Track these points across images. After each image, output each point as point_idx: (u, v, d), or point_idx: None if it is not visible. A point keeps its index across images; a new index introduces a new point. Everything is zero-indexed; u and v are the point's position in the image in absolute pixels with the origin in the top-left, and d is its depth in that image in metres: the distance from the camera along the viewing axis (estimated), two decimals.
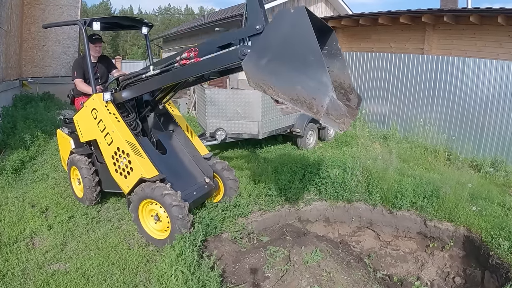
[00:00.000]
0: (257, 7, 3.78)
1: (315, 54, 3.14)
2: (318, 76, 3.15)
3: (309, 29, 3.13)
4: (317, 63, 3.15)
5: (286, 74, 3.31)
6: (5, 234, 5.03)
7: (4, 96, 11.77)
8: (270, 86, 3.40)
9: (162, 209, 4.76)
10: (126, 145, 5.00)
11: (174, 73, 4.64)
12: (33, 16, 16.56)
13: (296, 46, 3.25)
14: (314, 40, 3.13)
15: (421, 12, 11.57)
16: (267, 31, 3.47)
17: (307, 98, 3.23)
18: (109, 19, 6.20)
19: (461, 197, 6.18)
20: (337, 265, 4.47)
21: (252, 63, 3.47)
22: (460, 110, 9.71)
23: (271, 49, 3.38)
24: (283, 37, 3.32)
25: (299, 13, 3.19)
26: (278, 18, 3.36)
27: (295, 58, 3.27)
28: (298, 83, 3.25)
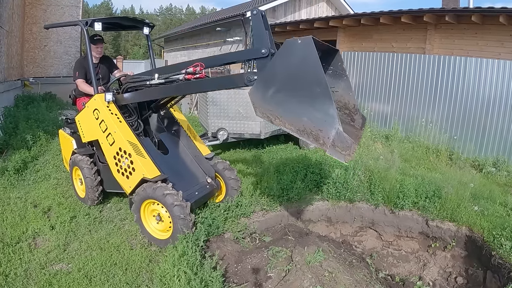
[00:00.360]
0: (262, 29, 3.87)
1: (322, 86, 3.15)
2: (325, 108, 3.18)
3: (316, 61, 3.16)
4: (324, 95, 3.17)
5: (293, 105, 3.34)
6: (7, 235, 5.04)
7: (6, 96, 11.79)
8: (277, 117, 3.45)
9: (164, 209, 4.77)
10: (128, 145, 5.01)
11: (178, 87, 4.71)
12: (34, 16, 16.61)
13: (303, 78, 3.27)
14: (321, 72, 3.16)
15: (423, 11, 11.54)
16: (274, 62, 3.48)
17: (314, 129, 3.28)
18: (111, 20, 6.18)
19: (463, 197, 6.17)
20: (339, 265, 4.47)
21: (258, 94, 3.54)
22: (462, 109, 9.69)
23: (278, 79, 3.42)
24: (290, 68, 3.34)
25: (306, 44, 3.21)
26: (285, 48, 3.36)
27: (302, 90, 3.29)
28: (304, 115, 3.28)
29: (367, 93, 11.98)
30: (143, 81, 5.15)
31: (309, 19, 16.16)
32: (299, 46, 3.25)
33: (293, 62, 3.30)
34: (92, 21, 5.46)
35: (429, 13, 11.42)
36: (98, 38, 6.15)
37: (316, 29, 15.98)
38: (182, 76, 4.55)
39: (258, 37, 3.89)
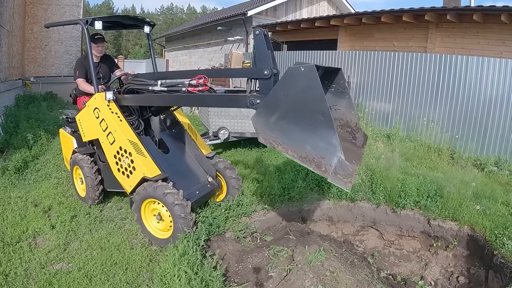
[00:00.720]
0: (265, 50, 3.93)
1: (325, 115, 3.20)
2: (327, 137, 3.23)
3: (319, 89, 3.19)
4: (326, 124, 3.21)
5: (296, 133, 3.39)
6: (8, 234, 5.03)
7: (7, 96, 11.78)
8: (280, 143, 3.49)
9: (165, 208, 4.75)
10: (129, 144, 4.99)
11: (179, 98, 4.80)
12: (35, 16, 16.62)
13: (306, 106, 3.30)
14: (324, 101, 3.20)
15: (424, 10, 11.55)
16: (277, 89, 3.49)
17: (316, 157, 3.32)
18: (111, 18, 6.20)
19: (465, 196, 6.15)
20: (340, 265, 4.45)
21: (261, 120, 3.58)
22: (464, 108, 9.67)
23: (281, 107, 3.44)
24: (293, 96, 3.36)
25: (309, 72, 3.21)
26: (288, 76, 3.36)
27: (305, 118, 3.33)
28: (307, 143, 3.33)
29: (368, 92, 11.96)
30: (145, 85, 5.16)
31: (310, 18, 16.15)
32: (302, 74, 3.25)
33: (296, 90, 3.32)
34: (92, 20, 5.44)
35: (430, 11, 11.44)
36: (98, 37, 6.14)
37: (317, 28, 15.98)
38: (185, 88, 4.59)
39: (260, 57, 3.95)
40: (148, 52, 7.64)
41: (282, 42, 18.45)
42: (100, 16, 5.67)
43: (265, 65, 3.92)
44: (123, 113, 5.36)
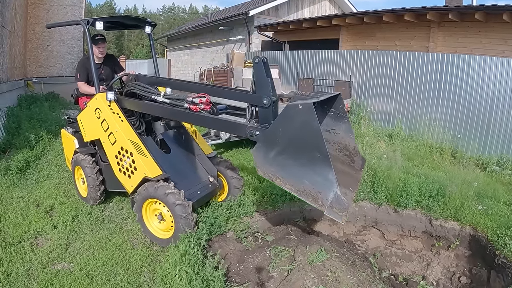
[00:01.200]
0: (264, 78, 4.07)
1: (322, 152, 3.31)
2: (324, 172, 3.35)
3: (316, 127, 3.31)
4: (323, 161, 3.33)
5: (294, 168, 3.52)
6: (9, 234, 5.04)
7: (9, 96, 11.81)
8: (278, 177, 3.62)
9: (166, 209, 4.74)
10: (130, 144, 4.99)
11: (179, 113, 4.82)
12: (37, 16, 16.66)
13: (304, 142, 3.42)
14: (321, 139, 3.30)
15: (426, 9, 11.53)
16: (276, 125, 3.62)
17: (313, 191, 3.45)
18: (112, 19, 6.21)
19: (467, 196, 6.13)
20: (342, 265, 4.44)
21: (260, 155, 3.73)
22: (466, 108, 9.66)
23: (280, 142, 3.57)
24: (291, 132, 3.49)
25: (307, 110, 3.32)
26: (286, 113, 3.48)
27: (303, 153, 3.45)
28: (305, 177, 3.45)
29: (370, 91, 11.96)
30: (148, 93, 5.20)
31: (312, 18, 16.14)
32: (300, 111, 3.36)
33: (294, 126, 3.44)
34: (93, 20, 5.45)
35: (432, 11, 11.43)
36: (99, 38, 6.12)
37: (319, 27, 15.97)
38: (187, 105, 4.65)
39: (259, 85, 4.10)
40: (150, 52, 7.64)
41: (284, 42, 18.45)
42: (101, 17, 5.67)
43: (264, 93, 4.05)
44: (124, 113, 5.37)
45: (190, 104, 4.62)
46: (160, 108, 5.03)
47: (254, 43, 20.18)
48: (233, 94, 4.76)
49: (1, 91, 10.46)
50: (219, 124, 4.64)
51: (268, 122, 4.06)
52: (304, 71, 14.42)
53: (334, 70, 13.20)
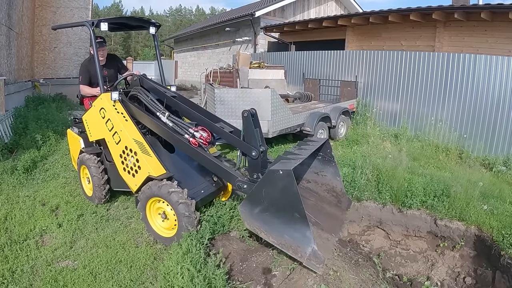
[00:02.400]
0: (252, 130, 4.58)
1: (301, 213, 3.72)
2: (302, 230, 3.77)
3: (295, 192, 3.70)
4: (301, 221, 3.75)
5: (276, 224, 3.94)
6: (15, 232, 5.11)
7: (16, 97, 11.90)
8: (263, 231, 4.05)
9: (169, 207, 4.77)
10: (134, 143, 5.04)
11: (178, 141, 5.04)
12: (44, 18, 16.75)
13: (284, 204, 3.84)
14: (299, 202, 3.70)
15: (432, 9, 11.49)
16: (259, 187, 4.01)
17: (293, 245, 3.87)
18: (117, 20, 6.25)
19: (472, 196, 6.09)
20: (344, 264, 4.45)
21: (247, 210, 4.10)
22: (472, 107, 9.61)
23: (263, 202, 3.97)
24: (273, 194, 3.88)
25: (287, 177, 3.71)
26: (268, 177, 3.89)
27: (283, 213, 3.86)
28: (286, 233, 3.88)
29: (376, 91, 11.93)
30: (153, 107, 5.36)
31: (318, 18, 16.13)
32: (281, 177, 3.75)
33: (276, 189, 3.83)
34: (98, 22, 5.50)
35: (438, 10, 11.39)
36: (99, 41, 6.10)
37: (325, 28, 15.95)
38: (187, 137, 4.91)
39: (248, 137, 4.63)
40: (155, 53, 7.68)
41: (290, 43, 18.45)
42: (105, 18, 5.70)
43: (253, 147, 4.54)
44: (128, 113, 5.39)
45: (190, 137, 4.86)
46: (161, 129, 5.18)
47: (260, 44, 20.21)
48: (227, 136, 5.02)
49: (8, 92, 10.54)
50: (213, 168, 4.90)
51: (256, 172, 4.56)
52: (310, 71, 14.41)
53: (340, 70, 13.18)
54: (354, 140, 10.21)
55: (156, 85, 5.81)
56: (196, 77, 26.77)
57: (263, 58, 16.14)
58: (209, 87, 10.21)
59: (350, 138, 10.48)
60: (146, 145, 5.09)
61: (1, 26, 10.41)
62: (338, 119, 10.38)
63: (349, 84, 12.31)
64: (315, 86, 13.40)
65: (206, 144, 4.88)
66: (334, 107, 10.71)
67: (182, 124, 5.02)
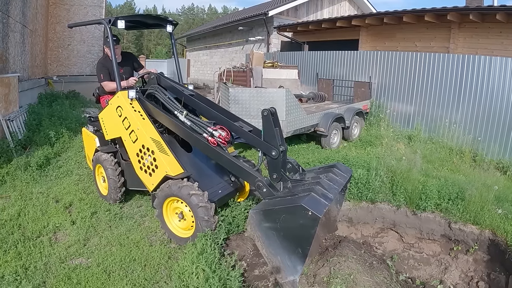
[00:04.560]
0: (272, 129, 4.46)
1: (304, 251, 3.72)
2: (296, 264, 3.78)
3: (311, 235, 3.65)
4: (300, 257, 3.75)
5: (275, 245, 3.91)
6: (28, 229, 5.13)
7: (30, 94, 11.99)
8: (260, 241, 4.01)
9: (188, 208, 4.73)
10: (151, 142, 5.02)
11: (196, 140, 4.94)
12: (58, 16, 16.85)
13: (294, 237, 3.79)
14: (309, 243, 3.70)
15: (447, 10, 11.41)
16: (280, 210, 3.87)
17: (281, 266, 3.90)
18: (134, 17, 6.28)
19: (487, 200, 6.01)
20: (359, 266, 4.42)
21: (257, 219, 4.01)
22: (486, 110, 9.52)
23: (276, 223, 3.88)
24: (289, 223, 3.78)
25: (313, 220, 3.59)
26: (295, 209, 3.74)
27: (289, 242, 3.82)
28: (280, 255, 3.88)
29: (390, 93, 11.86)
30: (170, 105, 5.29)
31: (332, 18, 16.08)
32: (307, 216, 3.62)
33: (295, 222, 3.72)
34: (115, 19, 5.48)
35: (453, 11, 11.31)
36: (114, 39, 6.01)
37: (339, 28, 15.90)
38: (206, 136, 4.79)
39: (268, 136, 4.49)
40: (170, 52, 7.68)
41: (303, 42, 18.40)
42: (123, 15, 5.71)
43: (273, 144, 4.42)
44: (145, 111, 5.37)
45: (209, 136, 4.74)
46: (178, 128, 5.10)
47: (273, 43, 20.17)
48: (246, 135, 4.90)
49: (22, 89, 10.61)
50: (233, 167, 4.77)
51: (276, 172, 4.46)
52: (323, 71, 14.36)
53: (354, 70, 13.12)
54: (368, 141, 10.15)
55: (173, 83, 5.78)
56: (208, 76, 26.82)
57: (276, 57, 16.11)
58: (223, 86, 10.20)
59: (363, 139, 10.41)
60: (163, 144, 5.05)
61: (15, 23, 10.48)
62: (352, 120, 10.33)
63: (363, 85, 12.24)
64: (329, 86, 13.34)
65: (225, 144, 4.80)
66: (348, 107, 10.66)
67: (201, 123, 4.95)
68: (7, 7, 9.60)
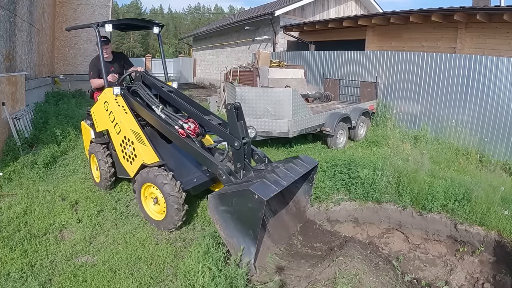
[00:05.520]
0: (235, 122, 4.83)
1: (254, 233, 4.06)
2: (249, 245, 4.12)
3: (259, 217, 3.97)
4: (252, 238, 4.08)
5: (231, 227, 4.21)
6: (35, 226, 5.16)
7: (37, 92, 12.05)
8: (219, 224, 4.28)
9: (159, 191, 5.13)
10: (131, 134, 5.56)
11: (168, 132, 5.44)
12: (65, 15, 16.93)
13: (245, 220, 4.11)
14: (258, 225, 4.02)
15: (453, 10, 11.36)
16: (233, 194, 4.20)
17: (237, 248, 4.16)
18: (121, 21, 6.99)
19: (493, 201, 5.97)
20: (365, 267, 4.40)
21: (214, 203, 4.29)
22: (493, 111, 9.46)
23: (230, 206, 4.19)
24: (240, 206, 4.11)
25: (259, 203, 3.93)
26: (244, 193, 4.07)
27: (241, 224, 4.15)
28: (236, 238, 4.19)
29: (396, 93, 11.81)
30: (148, 100, 5.81)
31: (338, 18, 16.04)
32: (254, 200, 3.94)
33: (245, 206, 4.05)
34: (103, 23, 6.10)
35: (459, 11, 11.27)
36: (103, 40, 6.48)
37: (345, 28, 15.87)
38: (177, 128, 5.29)
39: (231, 129, 4.89)
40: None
41: (310, 42, 18.36)
42: (110, 20, 6.14)
43: (236, 136, 4.81)
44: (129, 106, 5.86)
45: (179, 128, 5.20)
46: (155, 120, 5.59)
47: (279, 43, 20.15)
48: (214, 128, 5.24)
49: (29, 87, 10.66)
50: (198, 157, 5.22)
51: (239, 162, 4.87)
52: (330, 71, 14.33)
53: (360, 71, 13.08)
54: (374, 141, 10.12)
55: (156, 81, 6.22)
56: (214, 75, 26.82)
57: (282, 57, 16.09)
58: (229, 85, 10.21)
59: (369, 139, 10.39)
60: (142, 136, 5.53)
61: (22, 22, 10.53)
62: (358, 120, 10.31)
63: (369, 85, 12.21)
64: (335, 86, 13.32)
65: (194, 135, 5.24)
66: (354, 107, 10.64)
67: (173, 116, 5.46)
68: (14, 6, 9.64)
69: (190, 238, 5.06)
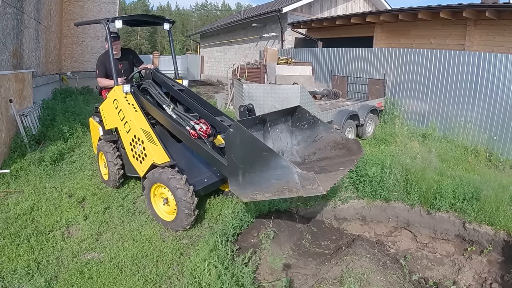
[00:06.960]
0: None
1: (265, 149, 3.83)
2: (278, 164, 3.78)
3: (249, 135, 3.92)
4: (271, 155, 3.81)
5: (259, 177, 3.94)
6: (41, 223, 5.18)
7: (44, 90, 12.08)
8: (256, 193, 3.98)
9: (170, 193, 5.03)
10: (141, 133, 5.48)
11: (179, 132, 5.30)
12: (72, 12, 16.97)
13: (250, 152, 3.97)
14: (258, 141, 3.90)
15: (462, 7, 11.26)
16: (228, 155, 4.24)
17: (284, 184, 3.78)
18: (132, 17, 6.84)
19: (502, 200, 5.91)
20: (372, 265, 4.38)
21: (235, 185, 4.19)
22: (502, 109, 9.36)
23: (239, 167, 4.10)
24: (239, 153, 4.07)
25: (237, 130, 4.00)
26: (226, 141, 4.15)
27: (256, 162, 3.94)
28: (271, 178, 3.85)
29: (404, 90, 11.73)
30: (159, 99, 5.73)
31: (346, 15, 15.99)
32: (233, 134, 3.99)
33: (237, 146, 4.05)
34: (113, 19, 5.92)
35: (468, 8, 11.16)
36: (113, 36, 6.38)
37: (353, 25, 15.79)
38: (188, 128, 5.15)
39: None
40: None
41: (318, 39, 18.28)
42: (120, 16, 6.03)
43: None
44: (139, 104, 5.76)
45: (191, 129, 5.08)
46: (166, 120, 5.46)
47: (287, 40, 20.10)
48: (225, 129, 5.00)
49: (36, 84, 10.69)
50: (208, 157, 5.01)
51: None
52: (337, 68, 14.27)
53: (368, 68, 13.01)
54: (382, 139, 10.06)
55: (166, 78, 6.18)
56: (222, 72, 26.80)
57: (290, 54, 16.05)
58: (237, 82, 10.18)
59: (377, 137, 10.33)
60: (152, 135, 5.44)
61: (30, 19, 10.55)
62: (366, 118, 10.26)
63: (377, 82, 12.14)
64: (343, 84, 13.26)
65: (206, 136, 5.10)
66: (363, 105, 10.58)
67: (185, 116, 5.34)
68: (21, 3, 9.66)
69: (197, 235, 5.04)
